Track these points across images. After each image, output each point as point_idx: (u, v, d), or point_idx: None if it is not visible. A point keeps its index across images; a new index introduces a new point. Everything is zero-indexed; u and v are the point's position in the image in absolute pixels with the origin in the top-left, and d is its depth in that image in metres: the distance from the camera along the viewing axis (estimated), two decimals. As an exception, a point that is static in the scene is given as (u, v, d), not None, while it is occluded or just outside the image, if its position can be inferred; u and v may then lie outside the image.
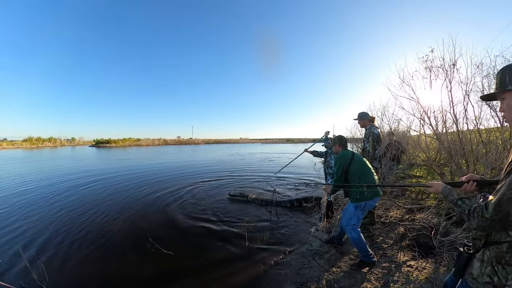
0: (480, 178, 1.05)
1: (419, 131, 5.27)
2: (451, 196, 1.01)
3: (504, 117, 0.92)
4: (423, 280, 2.03)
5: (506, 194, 0.79)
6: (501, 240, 0.86)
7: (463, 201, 0.95)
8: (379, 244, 2.75)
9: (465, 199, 0.95)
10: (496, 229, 0.85)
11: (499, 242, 0.86)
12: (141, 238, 3.27)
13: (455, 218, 2.65)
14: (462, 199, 0.96)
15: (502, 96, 0.90)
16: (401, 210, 3.62)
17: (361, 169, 2.38)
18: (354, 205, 2.35)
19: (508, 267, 0.84)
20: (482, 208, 0.85)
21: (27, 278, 2.37)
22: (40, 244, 3.17)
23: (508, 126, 3.57)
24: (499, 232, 0.86)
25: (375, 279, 2.15)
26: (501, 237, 0.86)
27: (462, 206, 0.93)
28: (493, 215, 0.81)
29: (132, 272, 2.54)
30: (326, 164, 3.90)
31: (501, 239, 0.86)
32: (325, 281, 2.19)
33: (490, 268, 0.89)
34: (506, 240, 0.84)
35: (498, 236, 0.87)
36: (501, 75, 0.89)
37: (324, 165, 4.00)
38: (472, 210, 0.88)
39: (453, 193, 1.01)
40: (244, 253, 2.87)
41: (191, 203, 4.95)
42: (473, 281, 0.94)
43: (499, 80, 0.90)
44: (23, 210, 4.59)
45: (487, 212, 0.83)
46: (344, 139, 2.73)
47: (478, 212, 0.85)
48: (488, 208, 0.83)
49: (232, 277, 2.41)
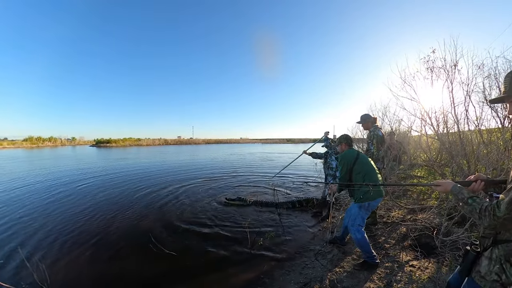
0: (487, 178, 1.07)
1: (420, 132, 5.29)
2: (461, 194, 1.02)
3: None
4: (425, 280, 2.05)
5: None
6: (510, 239, 0.88)
7: (473, 200, 0.96)
8: (382, 244, 2.77)
9: (475, 198, 0.97)
10: (508, 227, 0.87)
11: (509, 240, 0.88)
12: (143, 239, 3.28)
13: (456, 218, 2.66)
14: (473, 197, 0.97)
15: (511, 99, 0.94)
16: (402, 210, 3.64)
17: (365, 169, 2.39)
18: (358, 205, 2.36)
19: None
20: (494, 207, 0.87)
21: (28, 278, 2.34)
22: (40, 244, 3.17)
23: (508, 127, 3.59)
24: (509, 231, 0.88)
25: (378, 278, 2.17)
26: (510, 236, 0.88)
27: (473, 204, 0.95)
28: (505, 214, 0.83)
29: (135, 272, 2.55)
30: (327, 165, 3.90)
31: (510, 237, 0.88)
32: (328, 281, 2.20)
33: (499, 266, 0.90)
34: None
35: (507, 234, 0.89)
36: (510, 80, 0.93)
37: (325, 166, 4.00)
38: (484, 208, 0.90)
39: (463, 191, 1.02)
40: (246, 253, 2.88)
41: (193, 204, 4.97)
42: (481, 279, 0.96)
43: (509, 84, 0.94)
44: (25, 208, 4.61)
45: (499, 211, 0.85)
46: (350, 138, 2.71)
47: (490, 211, 0.87)
48: (500, 207, 0.85)
49: (235, 278, 2.41)
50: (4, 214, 4.32)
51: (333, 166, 3.79)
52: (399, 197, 4.25)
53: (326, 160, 3.94)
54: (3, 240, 3.27)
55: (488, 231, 0.96)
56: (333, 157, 3.82)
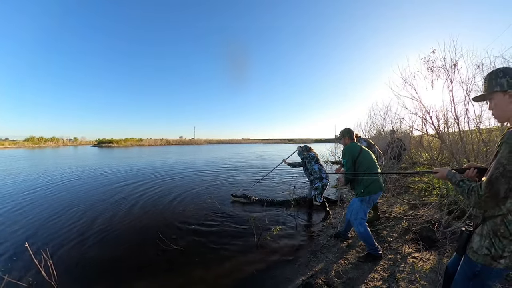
0: (480, 166, 1.19)
1: (422, 130, 5.39)
2: (454, 178, 1.15)
3: (493, 114, 1.08)
4: (427, 270, 2.14)
5: (494, 173, 0.93)
6: (495, 214, 1.00)
7: (464, 182, 1.09)
8: (385, 238, 2.87)
9: (465, 181, 1.10)
10: (490, 205, 0.99)
11: (494, 216, 1.01)
12: (151, 235, 3.34)
13: (456, 213, 2.76)
14: (463, 180, 1.10)
15: (490, 96, 1.07)
16: (404, 206, 3.74)
17: (368, 163, 2.48)
18: (360, 199, 2.45)
19: (504, 240, 0.97)
20: (478, 187, 1.00)
21: (35, 275, 2.36)
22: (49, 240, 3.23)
23: (507, 125, 3.68)
24: (494, 208, 1.00)
25: (382, 269, 2.26)
26: (495, 212, 1.00)
27: (463, 186, 1.08)
28: (486, 192, 0.95)
29: (143, 268, 2.57)
30: (308, 172, 4.03)
31: (495, 213, 1.00)
32: (334, 273, 2.29)
33: (488, 241, 1.02)
34: (499, 214, 0.99)
35: (493, 211, 1.01)
36: (488, 79, 1.06)
37: (306, 173, 4.13)
38: (470, 189, 1.03)
39: (456, 175, 1.15)
40: (253, 248, 2.97)
41: (197, 202, 5.07)
42: (473, 254, 1.07)
43: (487, 83, 1.07)
44: (32, 205, 4.72)
45: (481, 190, 0.97)
46: (352, 132, 2.77)
47: (475, 191, 1.00)
48: (481, 186, 0.98)
49: (243, 271, 2.48)
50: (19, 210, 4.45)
51: (315, 169, 3.92)
52: (400, 194, 4.35)
53: (306, 168, 4.08)
54: (13, 236, 3.37)
55: (478, 210, 1.08)
56: (312, 162, 3.98)
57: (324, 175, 3.89)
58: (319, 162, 4.03)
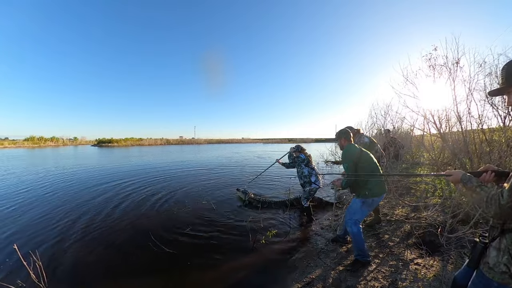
0: (497, 169, 1.04)
1: (423, 130, 5.27)
2: (470, 183, 1.01)
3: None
4: (431, 278, 2.03)
5: None
6: None
7: (481, 188, 0.95)
8: (386, 242, 2.75)
9: (483, 186, 0.96)
10: None
11: None
12: (143, 237, 3.25)
13: (461, 216, 2.64)
14: (481, 186, 0.96)
15: (509, 90, 0.93)
16: (406, 208, 3.62)
17: (370, 167, 2.35)
18: (362, 201, 2.33)
19: None
20: (499, 195, 0.86)
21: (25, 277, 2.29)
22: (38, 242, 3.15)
23: (510, 125, 3.56)
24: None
25: (383, 277, 2.15)
26: None
27: (481, 193, 0.94)
28: (508, 202, 0.82)
29: (134, 271, 2.52)
30: (299, 174, 3.81)
31: None
32: (332, 280, 2.18)
33: (507, 256, 0.88)
34: None
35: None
36: (506, 71, 0.92)
37: (297, 175, 3.88)
38: (490, 197, 0.89)
39: (473, 180, 1.01)
40: (248, 252, 2.87)
41: (193, 202, 4.96)
42: (489, 271, 0.94)
43: (505, 75, 0.93)
44: (27, 207, 4.61)
45: (503, 199, 0.84)
46: (349, 133, 2.58)
47: (496, 199, 0.86)
48: (503, 195, 0.84)
49: (237, 276, 2.39)
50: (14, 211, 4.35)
51: (305, 173, 3.72)
52: (402, 195, 4.23)
53: (297, 170, 3.90)
54: (9, 237, 3.26)
55: (496, 220, 0.94)
56: (302, 165, 3.77)
57: (313, 179, 3.67)
58: (310, 165, 3.78)
